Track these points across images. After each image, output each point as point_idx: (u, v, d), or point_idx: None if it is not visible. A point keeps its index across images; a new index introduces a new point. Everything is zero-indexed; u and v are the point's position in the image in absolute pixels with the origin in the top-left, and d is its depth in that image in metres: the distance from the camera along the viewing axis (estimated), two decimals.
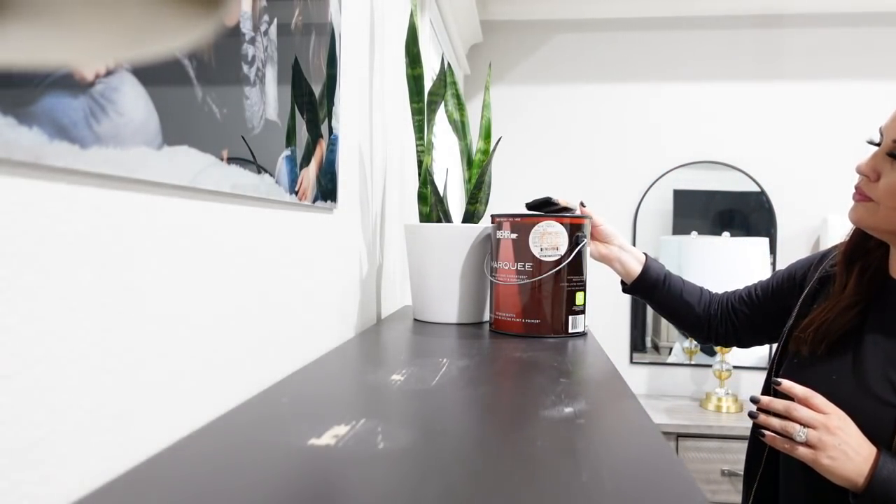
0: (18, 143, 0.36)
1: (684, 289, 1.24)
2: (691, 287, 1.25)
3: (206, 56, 0.55)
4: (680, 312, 1.24)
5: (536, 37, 2.91)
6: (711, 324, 1.23)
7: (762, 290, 1.19)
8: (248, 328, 0.67)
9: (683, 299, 1.23)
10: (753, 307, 1.19)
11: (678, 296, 1.23)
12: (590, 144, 2.88)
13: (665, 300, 1.24)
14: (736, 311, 1.21)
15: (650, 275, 1.22)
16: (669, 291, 1.23)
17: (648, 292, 1.24)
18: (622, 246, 1.24)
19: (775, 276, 1.17)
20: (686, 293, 1.23)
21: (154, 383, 0.50)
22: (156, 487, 0.43)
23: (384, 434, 0.53)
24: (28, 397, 0.38)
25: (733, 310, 1.22)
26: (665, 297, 1.23)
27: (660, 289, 1.23)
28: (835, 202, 2.75)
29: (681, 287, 1.24)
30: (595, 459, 0.48)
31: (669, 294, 1.23)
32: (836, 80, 2.76)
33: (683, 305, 1.23)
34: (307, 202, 0.82)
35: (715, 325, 1.23)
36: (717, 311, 1.23)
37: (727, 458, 2.36)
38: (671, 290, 1.23)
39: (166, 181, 0.50)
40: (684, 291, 1.23)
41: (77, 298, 0.42)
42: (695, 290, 1.25)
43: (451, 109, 1.28)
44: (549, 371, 0.80)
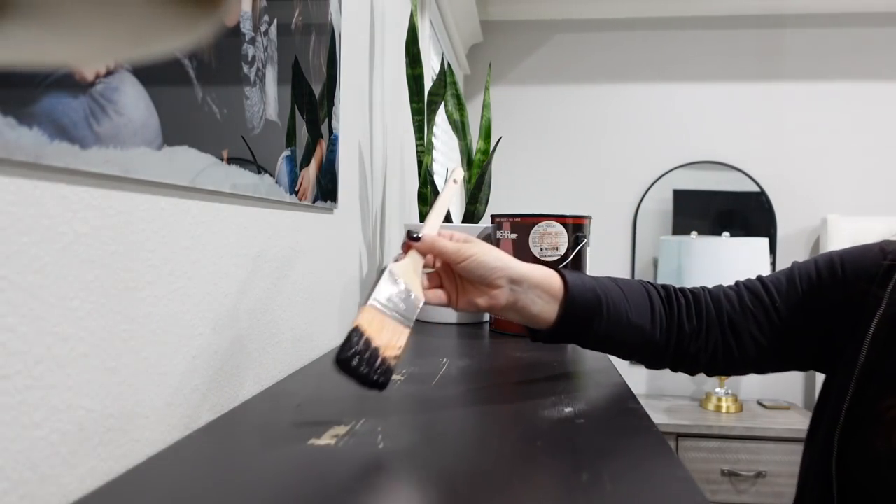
0: (19, 143, 0.36)
1: (630, 307, 0.71)
2: (637, 298, 0.72)
3: (206, 56, 0.55)
4: (627, 344, 0.72)
5: (536, 37, 2.91)
6: (686, 349, 0.73)
7: (783, 298, 0.73)
8: (249, 328, 0.67)
9: (631, 323, 0.71)
10: (771, 324, 0.73)
11: (624, 322, 0.71)
12: (590, 144, 2.88)
13: (605, 335, 0.71)
14: (736, 327, 0.73)
15: (580, 307, 0.69)
16: (610, 321, 0.70)
17: (579, 333, 0.71)
18: (511, 275, 0.67)
19: (800, 279, 0.74)
20: (633, 313, 0.71)
21: (154, 383, 0.50)
22: (156, 487, 0.43)
23: (384, 434, 0.53)
24: (28, 397, 0.38)
25: (731, 326, 0.73)
26: (605, 331, 0.70)
27: (597, 322, 0.70)
28: (835, 202, 2.75)
29: (624, 307, 0.71)
30: (595, 459, 0.48)
31: (611, 325, 0.70)
32: (837, 80, 2.76)
33: (631, 333, 0.71)
34: (307, 202, 0.82)
35: (695, 351, 0.73)
36: (696, 328, 0.73)
37: (727, 458, 2.36)
38: (611, 317, 0.70)
39: (166, 181, 0.50)
40: (630, 312, 0.71)
41: (77, 298, 0.42)
42: (642, 301, 0.73)
43: (451, 109, 1.28)
44: (549, 371, 0.80)
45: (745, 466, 2.35)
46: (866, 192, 2.74)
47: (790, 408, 2.60)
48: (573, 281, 0.69)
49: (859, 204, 2.74)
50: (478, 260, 0.65)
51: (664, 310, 0.73)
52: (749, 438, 2.35)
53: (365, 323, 0.57)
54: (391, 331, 0.59)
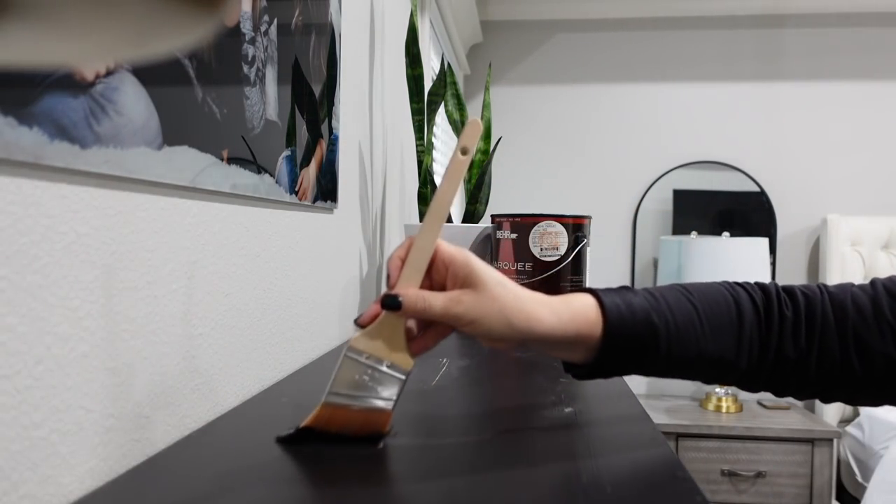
0: (19, 143, 0.36)
1: (704, 333, 0.53)
2: (718, 319, 0.54)
3: (206, 56, 0.55)
4: (699, 375, 0.55)
5: (536, 37, 2.91)
6: (788, 377, 0.55)
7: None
8: (249, 328, 0.67)
9: (703, 356, 0.53)
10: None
11: (692, 355, 0.53)
12: (590, 144, 2.88)
13: (665, 371, 0.54)
14: (865, 343, 0.53)
15: (624, 348, 0.52)
16: (671, 357, 0.53)
17: (625, 371, 0.55)
18: (525, 341, 0.52)
19: None
20: (709, 341, 0.53)
21: (154, 383, 0.50)
22: (155, 487, 0.43)
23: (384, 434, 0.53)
24: (28, 397, 0.38)
25: (857, 342, 0.53)
26: (664, 367, 0.54)
27: (650, 359, 0.53)
28: (835, 202, 2.75)
29: (695, 334, 0.53)
30: (595, 460, 0.48)
31: (671, 361, 0.53)
32: (836, 81, 2.76)
33: (703, 366, 0.54)
34: (307, 202, 0.82)
35: (801, 381, 0.55)
36: (804, 351, 0.54)
37: (727, 458, 2.36)
38: (672, 352, 0.52)
39: (166, 181, 0.50)
40: (704, 340, 0.53)
41: (77, 298, 0.42)
42: (725, 323, 0.54)
43: (451, 109, 1.28)
44: (549, 371, 0.80)
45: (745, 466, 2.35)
46: (866, 192, 2.74)
47: (790, 408, 2.60)
48: (614, 315, 0.51)
49: (859, 204, 2.74)
50: (477, 331, 0.50)
51: (758, 330, 0.54)
52: (749, 438, 2.35)
53: (321, 424, 0.49)
54: (360, 423, 0.49)
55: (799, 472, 2.33)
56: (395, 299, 0.49)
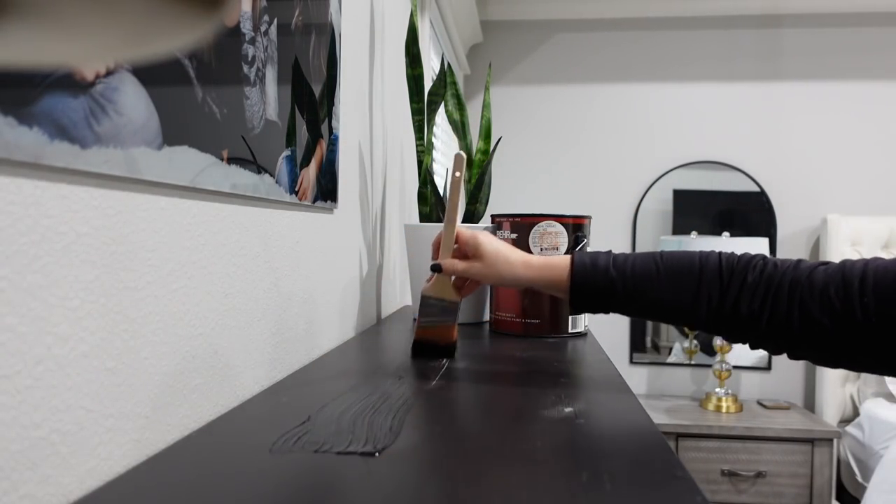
0: (19, 143, 0.36)
1: (661, 287, 0.70)
2: (678, 277, 0.69)
3: (206, 56, 0.55)
4: (663, 319, 0.72)
5: (536, 37, 2.91)
6: (745, 331, 0.68)
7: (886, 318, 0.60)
8: (249, 328, 0.67)
9: (659, 303, 0.70)
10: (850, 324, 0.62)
11: (647, 301, 0.71)
12: (590, 144, 2.88)
13: (629, 311, 0.73)
14: (807, 310, 0.64)
15: (588, 296, 0.73)
16: (630, 301, 0.71)
17: (599, 310, 0.75)
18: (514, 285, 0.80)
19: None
20: (665, 293, 0.69)
21: (154, 383, 0.50)
22: (155, 488, 0.43)
23: (384, 434, 0.53)
24: (28, 397, 0.38)
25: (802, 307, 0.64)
26: (626, 309, 0.73)
27: (614, 303, 0.73)
28: (834, 202, 2.75)
29: (651, 288, 0.70)
30: (595, 459, 0.48)
31: (630, 305, 0.72)
32: (836, 80, 2.76)
33: (659, 311, 0.71)
34: (307, 202, 0.82)
35: (756, 334, 0.67)
36: (757, 311, 0.66)
37: (727, 458, 2.36)
38: (631, 298, 0.71)
39: (166, 181, 0.50)
40: (661, 291, 0.70)
41: (78, 298, 0.42)
42: (685, 281, 0.69)
43: (451, 109, 1.28)
44: (549, 371, 0.80)
45: (744, 466, 2.35)
46: (866, 192, 2.74)
47: (790, 408, 2.60)
48: (578, 268, 0.73)
49: (859, 204, 2.74)
50: (486, 283, 0.82)
51: (719, 286, 0.68)
52: (749, 438, 2.35)
53: (420, 335, 0.86)
54: (441, 332, 0.85)
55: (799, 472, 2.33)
56: (438, 265, 0.83)
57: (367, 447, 0.50)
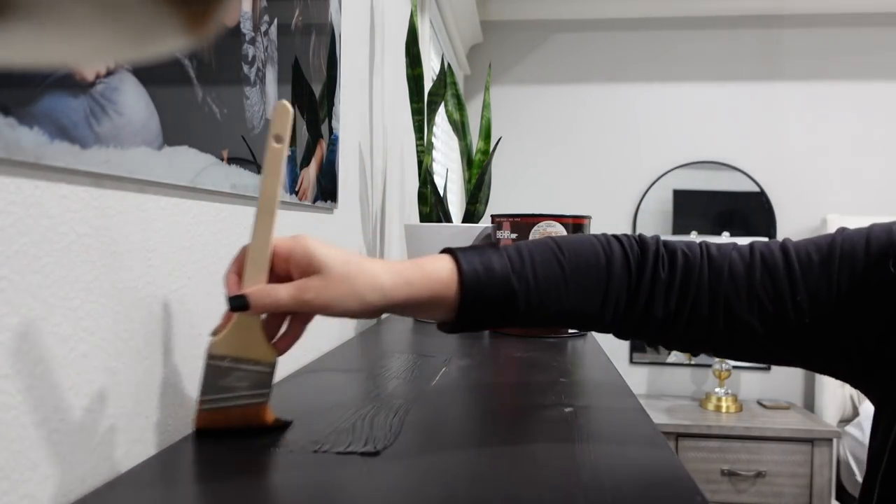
0: (19, 143, 0.36)
1: (566, 292, 0.55)
2: (584, 277, 0.55)
3: (206, 56, 0.55)
4: (564, 325, 0.58)
5: (536, 37, 2.91)
6: (654, 334, 0.57)
7: (810, 292, 0.54)
8: None
9: (564, 311, 0.56)
10: (781, 321, 0.55)
11: (552, 311, 0.55)
12: (589, 144, 2.88)
13: (527, 323, 0.56)
14: (734, 314, 0.55)
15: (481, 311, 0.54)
16: (530, 313, 0.55)
17: (488, 326, 0.56)
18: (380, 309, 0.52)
19: (839, 267, 0.55)
20: (571, 298, 0.55)
21: (154, 383, 0.50)
22: (156, 488, 0.43)
23: (384, 434, 0.53)
24: (29, 397, 0.38)
25: (727, 310, 0.55)
26: (525, 321, 0.56)
27: (511, 316, 0.55)
28: (834, 202, 2.75)
29: (556, 293, 0.55)
30: (595, 459, 0.48)
31: (531, 317, 0.55)
32: (836, 81, 2.76)
33: (563, 319, 0.57)
34: (307, 202, 0.82)
35: (665, 337, 0.57)
36: (671, 313, 0.56)
37: (727, 458, 2.36)
38: (532, 310, 0.55)
39: (166, 181, 0.50)
40: (566, 297, 0.55)
41: (78, 298, 0.42)
42: (592, 281, 0.55)
43: (451, 109, 1.28)
44: (549, 371, 0.80)
45: (744, 466, 2.35)
46: (866, 192, 2.74)
47: (790, 407, 2.60)
48: (471, 279, 0.52)
49: (859, 204, 2.74)
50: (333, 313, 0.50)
51: (626, 288, 0.55)
52: (749, 438, 2.35)
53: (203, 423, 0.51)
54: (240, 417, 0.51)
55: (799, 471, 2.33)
56: (242, 299, 0.48)
57: (368, 447, 0.50)
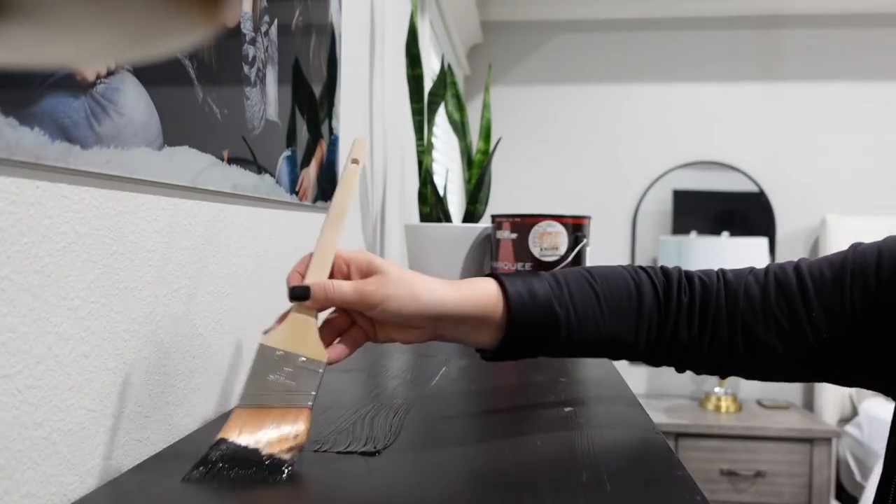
0: (20, 143, 0.36)
1: (603, 317, 0.56)
2: (618, 301, 0.57)
3: (206, 57, 0.56)
4: (599, 354, 0.59)
5: (536, 37, 2.91)
6: (681, 358, 0.59)
7: (824, 307, 0.56)
8: (249, 328, 0.67)
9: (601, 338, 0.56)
10: (799, 339, 0.56)
11: (591, 338, 0.56)
12: (589, 144, 2.88)
13: (566, 351, 0.58)
14: (751, 333, 0.57)
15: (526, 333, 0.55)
16: (572, 340, 0.56)
17: (530, 353, 0.58)
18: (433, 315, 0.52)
19: (851, 283, 0.57)
20: (608, 323, 0.56)
21: (155, 383, 0.50)
22: (157, 488, 0.43)
23: (384, 434, 0.53)
24: (29, 397, 0.38)
25: (745, 331, 0.57)
26: (565, 349, 0.57)
27: (553, 343, 0.56)
28: (834, 202, 2.75)
29: (594, 318, 0.56)
30: (595, 459, 0.48)
31: (572, 344, 0.56)
32: (836, 81, 2.76)
33: (601, 347, 0.58)
34: (307, 202, 0.83)
35: (691, 362, 0.59)
36: (696, 337, 0.57)
37: (726, 458, 2.36)
38: (573, 336, 0.55)
39: (167, 181, 0.50)
40: (603, 322, 0.56)
41: (78, 298, 0.42)
42: (626, 306, 0.57)
43: (451, 110, 1.28)
44: (549, 371, 0.80)
45: (744, 466, 2.35)
46: (865, 192, 2.74)
47: (789, 407, 2.60)
48: (516, 302, 0.53)
49: (858, 204, 2.74)
50: (389, 310, 0.50)
51: (658, 314, 0.57)
52: (748, 438, 2.35)
53: (234, 429, 0.45)
54: (278, 421, 0.45)
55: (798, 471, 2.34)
56: (304, 289, 0.49)
57: (368, 447, 0.50)
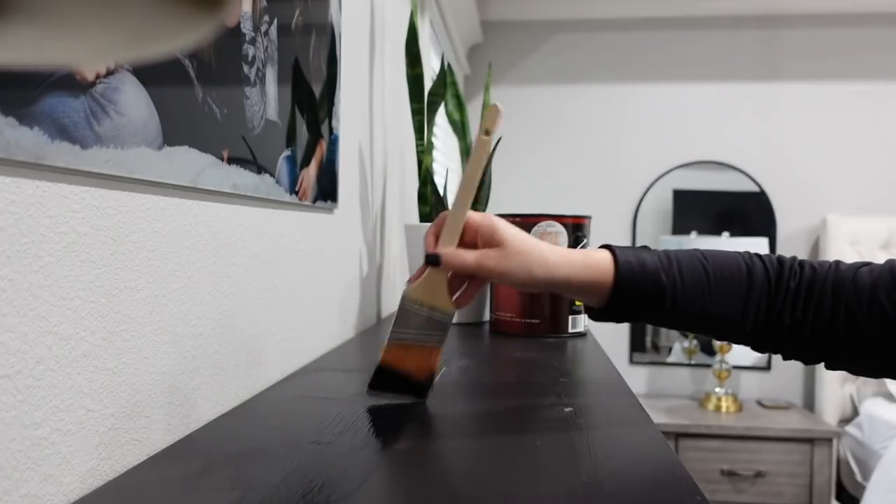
0: (19, 143, 0.36)
1: (710, 296, 0.59)
2: (728, 283, 0.59)
3: (206, 56, 0.56)
4: (702, 331, 0.61)
5: (536, 37, 2.91)
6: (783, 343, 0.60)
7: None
8: (249, 328, 0.67)
9: (706, 315, 0.59)
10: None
11: (696, 313, 0.59)
12: (590, 144, 2.88)
13: (669, 323, 0.61)
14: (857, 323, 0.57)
15: (631, 300, 0.59)
16: (676, 311, 0.59)
17: (634, 318, 0.61)
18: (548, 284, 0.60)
19: None
20: (715, 302, 0.59)
21: (155, 383, 0.51)
22: (157, 487, 0.43)
23: (384, 434, 0.53)
24: (29, 396, 0.38)
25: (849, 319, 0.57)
26: (668, 320, 0.60)
27: (655, 312, 0.60)
28: (834, 202, 2.75)
29: (700, 295, 0.59)
30: (595, 459, 0.48)
31: (676, 315, 0.60)
32: (836, 81, 2.76)
33: (704, 324, 0.60)
34: (307, 202, 0.83)
35: (793, 347, 0.60)
36: (799, 321, 0.58)
37: (726, 458, 2.36)
38: (678, 308, 0.59)
39: (167, 181, 0.50)
40: (710, 302, 0.59)
41: (78, 298, 0.42)
42: (735, 287, 0.59)
43: (451, 109, 1.28)
44: (549, 371, 0.80)
45: (744, 466, 2.35)
46: (865, 192, 2.74)
47: (790, 407, 2.60)
48: (625, 269, 0.58)
49: (859, 204, 2.74)
50: (505, 281, 0.60)
51: (766, 299, 0.59)
52: (748, 438, 2.35)
53: (388, 358, 0.62)
54: (417, 356, 0.62)
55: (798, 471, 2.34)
56: (436, 257, 0.60)
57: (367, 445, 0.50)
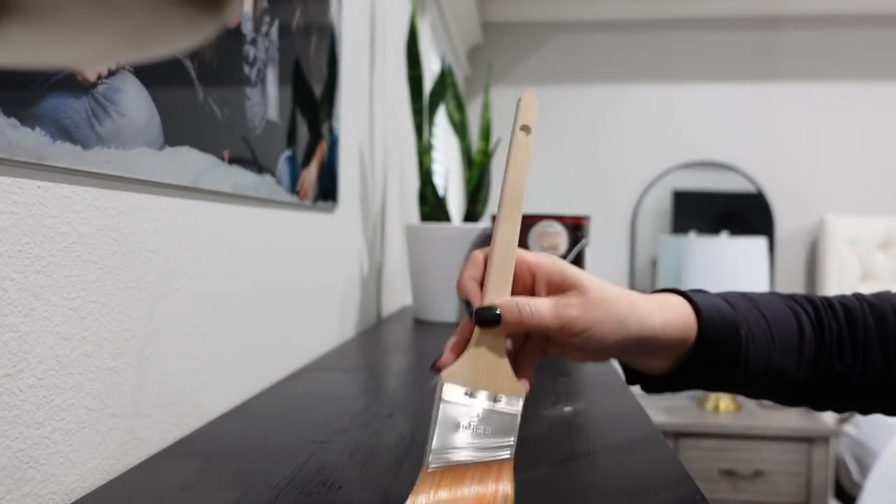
0: (21, 143, 0.36)
1: (774, 347, 0.48)
2: (784, 330, 0.49)
3: (207, 57, 0.56)
4: (761, 392, 0.51)
5: (536, 38, 2.91)
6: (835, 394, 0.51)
7: None
8: (249, 328, 0.67)
9: (772, 370, 0.48)
10: None
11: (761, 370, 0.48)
12: (589, 144, 2.88)
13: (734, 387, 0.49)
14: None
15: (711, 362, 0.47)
16: (748, 371, 0.48)
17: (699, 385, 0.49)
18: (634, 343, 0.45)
19: None
20: (778, 354, 0.48)
21: (155, 383, 0.51)
22: (157, 486, 0.43)
23: (385, 434, 0.53)
24: (31, 396, 0.38)
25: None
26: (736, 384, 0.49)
27: (729, 375, 0.48)
28: (833, 202, 2.75)
29: (767, 348, 0.48)
30: (595, 459, 0.48)
31: (746, 376, 0.48)
32: (835, 82, 2.76)
33: (769, 381, 0.49)
34: (308, 202, 0.83)
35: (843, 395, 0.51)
36: (849, 365, 0.49)
37: (726, 457, 2.36)
38: (750, 366, 0.47)
39: (168, 181, 0.50)
40: (775, 352, 0.48)
41: (80, 298, 0.42)
42: (790, 336, 0.49)
43: (451, 110, 1.28)
44: (549, 371, 0.80)
45: (743, 465, 2.36)
46: (864, 192, 2.74)
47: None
48: (708, 324, 0.46)
49: (857, 204, 2.74)
50: (593, 339, 0.43)
51: (816, 344, 0.50)
52: (747, 437, 2.35)
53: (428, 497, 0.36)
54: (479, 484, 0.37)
55: (797, 470, 2.34)
56: (493, 311, 0.40)
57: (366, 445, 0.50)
